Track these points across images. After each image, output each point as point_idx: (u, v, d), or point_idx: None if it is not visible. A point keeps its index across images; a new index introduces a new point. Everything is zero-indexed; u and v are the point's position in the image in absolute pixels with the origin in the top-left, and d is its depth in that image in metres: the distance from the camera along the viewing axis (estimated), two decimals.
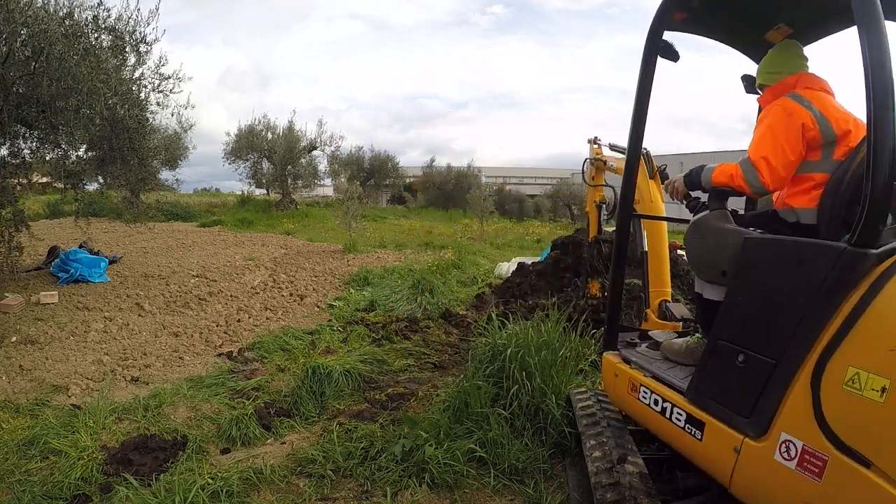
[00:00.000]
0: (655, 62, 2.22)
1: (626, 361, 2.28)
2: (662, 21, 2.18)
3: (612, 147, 4.63)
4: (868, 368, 1.28)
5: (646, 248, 3.59)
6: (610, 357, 2.38)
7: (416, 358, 4.39)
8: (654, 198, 3.62)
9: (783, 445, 1.47)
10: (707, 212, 2.03)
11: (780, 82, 2.11)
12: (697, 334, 2.26)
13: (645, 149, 3.71)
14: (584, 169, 4.85)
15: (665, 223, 3.57)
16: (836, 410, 1.36)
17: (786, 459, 1.46)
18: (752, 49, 2.54)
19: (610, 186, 4.86)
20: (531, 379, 2.92)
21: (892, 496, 1.22)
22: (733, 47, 2.56)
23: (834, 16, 2.20)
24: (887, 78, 1.36)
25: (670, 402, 1.93)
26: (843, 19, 2.20)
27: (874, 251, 1.36)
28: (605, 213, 4.92)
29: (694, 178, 2.14)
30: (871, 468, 1.27)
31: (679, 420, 1.87)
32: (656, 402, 2.01)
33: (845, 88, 2.12)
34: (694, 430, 1.80)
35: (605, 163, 4.60)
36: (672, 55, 2.30)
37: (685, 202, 2.25)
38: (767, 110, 2.02)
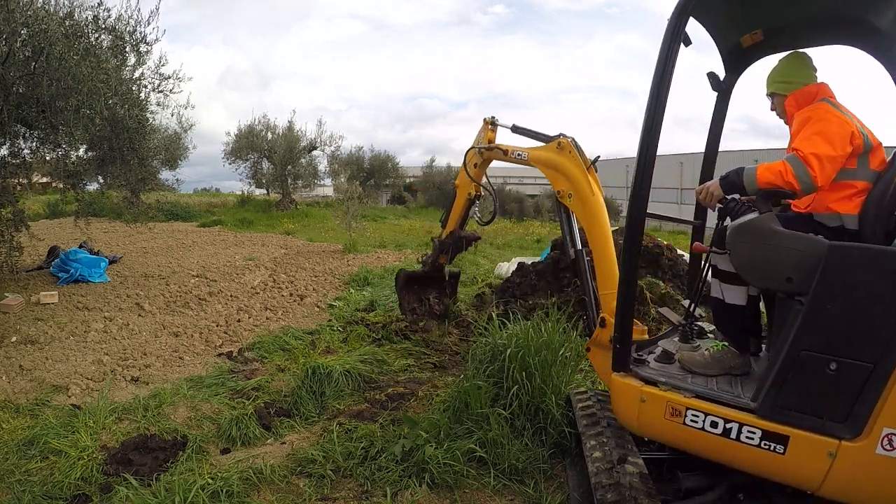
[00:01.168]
0: (678, 46, 2.04)
1: (650, 382, 2.08)
2: (690, 1, 2.01)
3: (517, 129, 3.88)
4: None
5: (580, 247, 3.19)
6: (627, 380, 2.11)
7: (416, 358, 4.39)
8: (594, 191, 3.15)
9: (885, 439, 1.58)
10: (754, 214, 1.93)
11: (802, 90, 2.17)
12: (719, 341, 2.23)
13: (571, 137, 3.35)
14: (466, 160, 4.21)
15: (605, 216, 3.12)
16: None
17: (888, 451, 1.59)
18: (725, 46, 2.56)
19: (490, 191, 4.45)
20: (531, 379, 2.92)
21: None
22: (714, 40, 2.56)
23: (811, 32, 2.28)
24: None
25: (736, 422, 1.81)
26: (819, 37, 2.29)
27: None
28: (478, 215, 4.54)
29: (734, 180, 2.05)
30: None
31: (751, 439, 1.78)
32: (714, 425, 1.86)
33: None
34: (774, 445, 1.75)
35: (506, 152, 3.94)
36: (685, 40, 2.26)
37: (719, 206, 2.15)
38: (810, 111, 2.04)
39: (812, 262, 1.72)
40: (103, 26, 5.24)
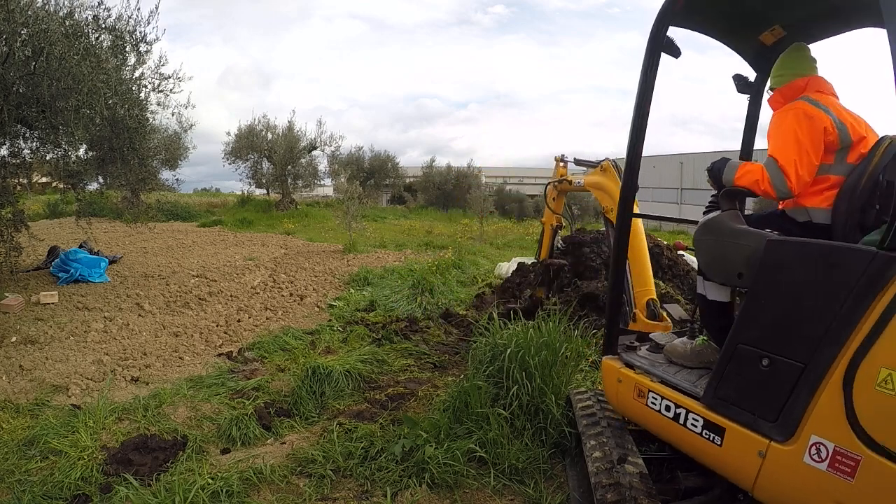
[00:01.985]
0: (659, 58, 2.18)
1: (630, 366, 2.23)
2: (666, 16, 2.14)
3: (578, 162, 4.51)
4: None
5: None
6: (611, 362, 2.30)
7: (416, 358, 4.39)
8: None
9: (813, 448, 1.47)
10: (718, 212, 1.99)
11: (788, 84, 2.13)
12: (702, 336, 2.25)
13: (611, 159, 3.83)
14: (546, 192, 4.73)
15: (640, 221, 3.44)
16: (869, 411, 1.37)
17: (816, 461, 1.46)
18: (746, 49, 2.54)
19: (569, 218, 4.97)
20: (531, 379, 2.92)
21: None
22: (728, 46, 2.56)
23: (830, 19, 2.21)
24: None
25: (684, 408, 1.88)
26: (840, 23, 2.22)
27: None
28: (560, 242, 5.00)
29: (716, 174, 2.09)
30: None
31: (695, 426, 1.82)
32: (668, 409, 1.95)
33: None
34: (713, 435, 1.75)
35: (570, 182, 4.51)
36: (674, 51, 2.28)
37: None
38: (784, 113, 2.01)
39: (758, 257, 1.73)
40: (103, 26, 5.24)
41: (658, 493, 1.92)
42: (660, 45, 2.15)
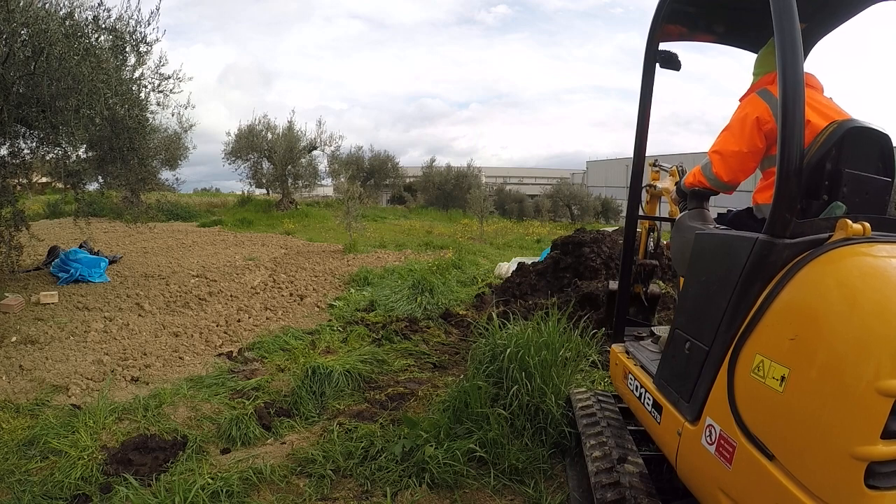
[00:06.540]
0: (653, 73, 2.34)
1: (627, 353, 2.45)
2: (655, 35, 2.26)
3: (657, 165, 4.54)
4: (771, 356, 1.29)
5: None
6: (615, 348, 2.55)
7: (416, 358, 4.39)
8: None
9: (708, 430, 1.51)
10: (686, 211, 2.14)
11: (754, 83, 2.14)
12: None
13: (681, 165, 3.87)
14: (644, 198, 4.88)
15: None
16: (744, 397, 1.38)
17: (708, 444, 1.49)
18: (759, 44, 2.52)
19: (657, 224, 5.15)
20: (531, 379, 2.92)
21: (792, 495, 1.18)
22: (736, 46, 2.56)
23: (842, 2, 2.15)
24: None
25: (644, 388, 2.07)
26: (849, 6, 2.15)
27: (788, 241, 1.36)
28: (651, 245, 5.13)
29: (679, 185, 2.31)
30: (774, 461, 1.26)
31: (648, 404, 2.00)
32: (636, 388, 2.16)
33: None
34: (656, 413, 1.89)
35: (655, 187, 4.62)
36: (674, 65, 2.34)
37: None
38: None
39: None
40: (103, 26, 5.23)
41: (658, 493, 1.92)
42: (653, 61, 2.30)
